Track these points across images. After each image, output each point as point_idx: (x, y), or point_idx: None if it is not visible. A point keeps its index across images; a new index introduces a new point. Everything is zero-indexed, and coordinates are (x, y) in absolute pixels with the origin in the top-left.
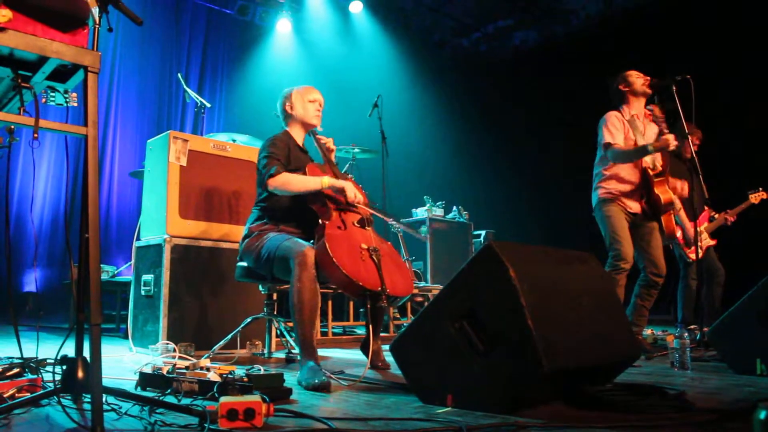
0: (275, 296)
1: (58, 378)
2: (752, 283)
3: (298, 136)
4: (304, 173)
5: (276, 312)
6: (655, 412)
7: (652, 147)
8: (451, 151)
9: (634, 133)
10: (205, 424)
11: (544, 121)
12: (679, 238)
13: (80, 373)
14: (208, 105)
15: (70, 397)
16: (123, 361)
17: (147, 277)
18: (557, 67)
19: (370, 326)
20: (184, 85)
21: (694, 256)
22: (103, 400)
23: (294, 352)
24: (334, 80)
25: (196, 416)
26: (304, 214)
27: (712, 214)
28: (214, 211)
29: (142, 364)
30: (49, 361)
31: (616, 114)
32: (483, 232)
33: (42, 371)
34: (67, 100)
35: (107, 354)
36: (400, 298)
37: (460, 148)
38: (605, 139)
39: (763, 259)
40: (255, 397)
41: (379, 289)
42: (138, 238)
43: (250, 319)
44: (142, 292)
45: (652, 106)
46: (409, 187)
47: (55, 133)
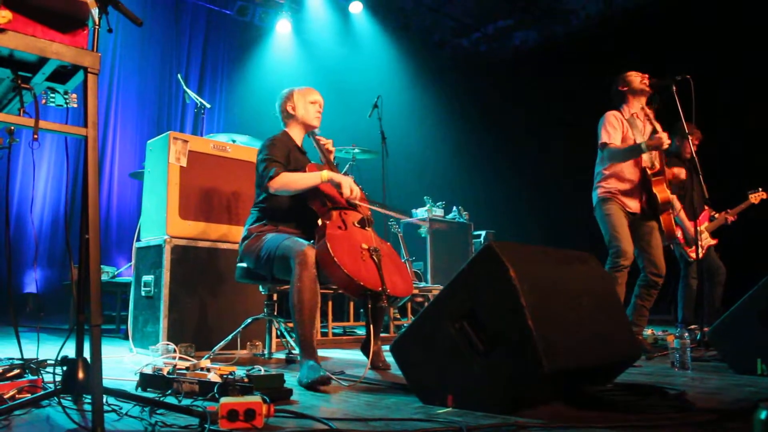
0: (275, 297)
1: (58, 379)
2: (752, 283)
3: (297, 137)
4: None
5: (276, 312)
6: (656, 412)
7: (646, 145)
8: (451, 151)
9: (633, 132)
10: (206, 425)
11: (544, 121)
12: (679, 238)
13: (81, 374)
14: (208, 105)
15: (71, 398)
16: (123, 362)
17: (147, 278)
18: (557, 67)
19: (370, 326)
20: (184, 86)
21: (694, 255)
22: (104, 400)
23: (294, 352)
24: (334, 81)
25: (197, 417)
26: (304, 215)
27: (713, 214)
28: (215, 211)
29: (143, 365)
30: (49, 362)
31: (614, 114)
32: (483, 233)
33: (42, 372)
34: (67, 101)
35: (107, 355)
36: (400, 299)
37: (460, 149)
38: (602, 139)
39: (764, 259)
40: (255, 398)
41: (380, 289)
42: (138, 239)
43: (250, 320)
44: (143, 293)
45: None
46: (409, 188)
47: (55, 134)
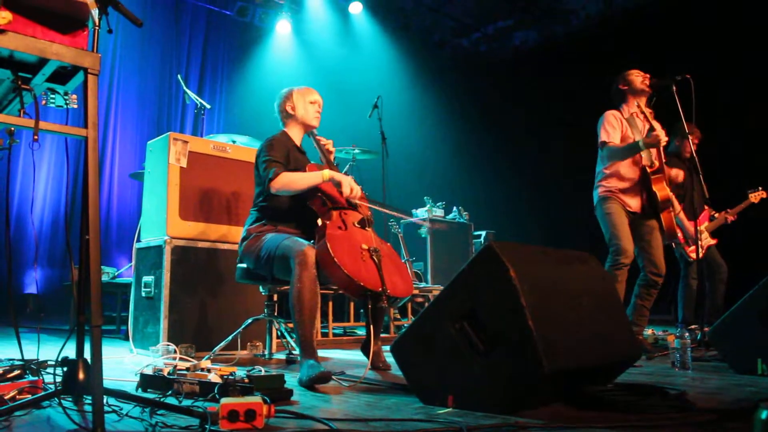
0: (275, 297)
1: (59, 380)
2: (753, 283)
3: (297, 137)
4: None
5: (276, 313)
6: (656, 412)
7: (644, 143)
8: (452, 151)
9: (633, 131)
10: (206, 426)
11: (544, 121)
12: (680, 238)
13: (81, 375)
14: (208, 106)
15: (71, 399)
16: (124, 363)
17: (147, 279)
18: (557, 67)
19: (370, 327)
20: (184, 87)
21: (694, 255)
22: (104, 401)
23: (295, 353)
24: (334, 81)
25: (197, 417)
26: (303, 215)
27: (712, 214)
28: (215, 212)
29: (143, 366)
30: (50, 363)
31: (613, 113)
32: (483, 233)
33: (43, 373)
34: (67, 102)
35: (108, 355)
36: (401, 299)
37: (460, 149)
38: (601, 138)
39: (764, 259)
40: (256, 399)
41: (380, 289)
42: (138, 240)
43: (250, 320)
44: (143, 294)
45: (638, 102)
46: (409, 188)
47: (56, 135)
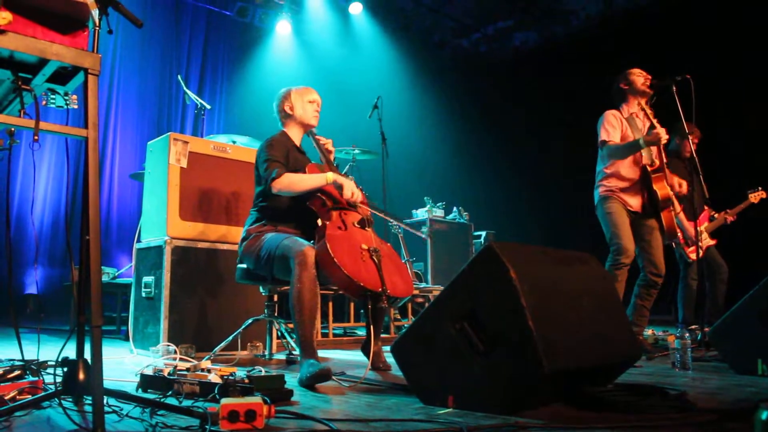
0: (276, 298)
1: (59, 380)
2: (753, 283)
3: (296, 137)
4: (304, 173)
5: (276, 313)
6: (656, 413)
7: (644, 141)
8: (452, 151)
9: (633, 131)
10: (206, 426)
11: (544, 121)
12: (679, 239)
13: (81, 375)
14: (208, 106)
15: (72, 399)
16: (124, 363)
17: (147, 279)
18: (557, 67)
19: (370, 327)
20: (184, 87)
21: (694, 256)
22: (104, 401)
23: (295, 353)
24: (334, 81)
25: (197, 418)
26: (303, 215)
27: (712, 214)
28: (215, 212)
29: (143, 366)
30: (50, 363)
31: (613, 112)
32: (483, 233)
33: (43, 373)
34: (68, 102)
35: (108, 356)
36: (401, 299)
37: (460, 149)
38: (601, 137)
39: (764, 259)
40: (256, 399)
41: (380, 289)
42: (138, 240)
43: (250, 321)
44: (143, 294)
45: (639, 100)
46: (409, 188)
47: (56, 135)
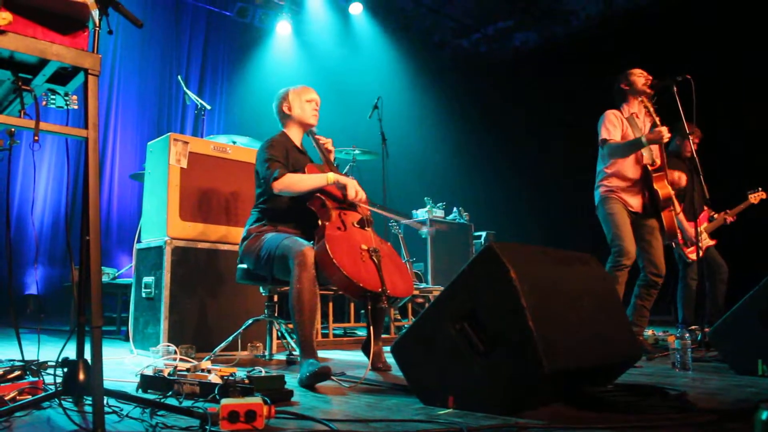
0: (276, 298)
1: (59, 380)
2: (753, 283)
3: (296, 137)
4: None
5: (277, 314)
6: (656, 413)
7: (646, 139)
8: (452, 152)
9: (633, 131)
10: (207, 426)
11: (544, 121)
12: (678, 239)
13: (81, 376)
14: (209, 107)
15: (72, 400)
16: (124, 364)
17: (148, 280)
18: (557, 67)
19: (370, 327)
20: (184, 87)
21: (693, 257)
22: (105, 402)
23: (295, 353)
24: (334, 82)
25: (198, 418)
26: (303, 215)
27: (712, 214)
28: (215, 213)
29: (143, 367)
30: (50, 364)
31: (614, 112)
32: (483, 233)
33: (43, 374)
34: (68, 103)
35: (108, 356)
36: (401, 299)
37: (460, 149)
38: (602, 136)
39: (764, 259)
40: (256, 399)
41: (380, 290)
42: (139, 241)
43: (250, 321)
44: (143, 294)
45: (642, 98)
46: (409, 189)
47: (56, 136)
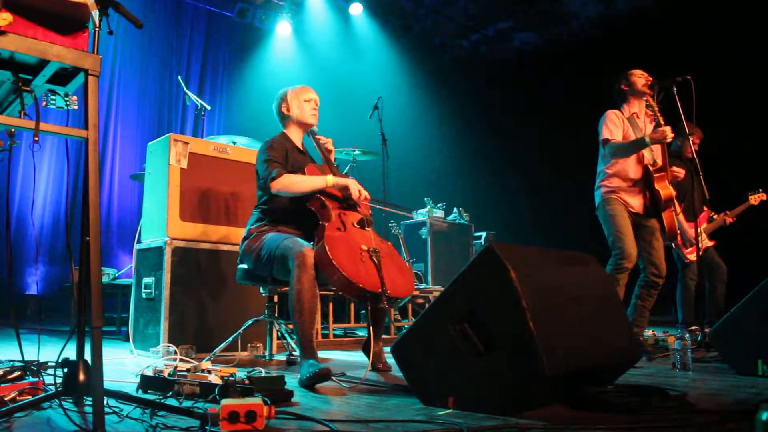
0: (276, 298)
1: (59, 381)
2: (753, 284)
3: (296, 138)
4: (303, 174)
5: (277, 314)
6: (657, 414)
7: (649, 139)
8: (452, 152)
9: (634, 131)
10: (207, 427)
11: (545, 121)
12: (677, 239)
13: (81, 376)
14: (209, 107)
15: (72, 400)
16: (124, 364)
17: (148, 280)
18: (557, 68)
19: (370, 328)
20: (185, 88)
21: (691, 257)
22: (105, 402)
23: (295, 354)
24: (334, 82)
25: (198, 419)
26: (304, 216)
27: (711, 215)
28: (215, 213)
29: (143, 367)
30: (50, 364)
31: (614, 112)
32: (484, 234)
33: (43, 374)
34: (68, 103)
35: (108, 357)
36: (401, 299)
37: (460, 150)
38: (603, 136)
39: (764, 260)
40: (256, 400)
41: (380, 290)
42: (139, 241)
43: (251, 322)
44: (143, 295)
45: (647, 98)
46: (409, 189)
47: (56, 136)
